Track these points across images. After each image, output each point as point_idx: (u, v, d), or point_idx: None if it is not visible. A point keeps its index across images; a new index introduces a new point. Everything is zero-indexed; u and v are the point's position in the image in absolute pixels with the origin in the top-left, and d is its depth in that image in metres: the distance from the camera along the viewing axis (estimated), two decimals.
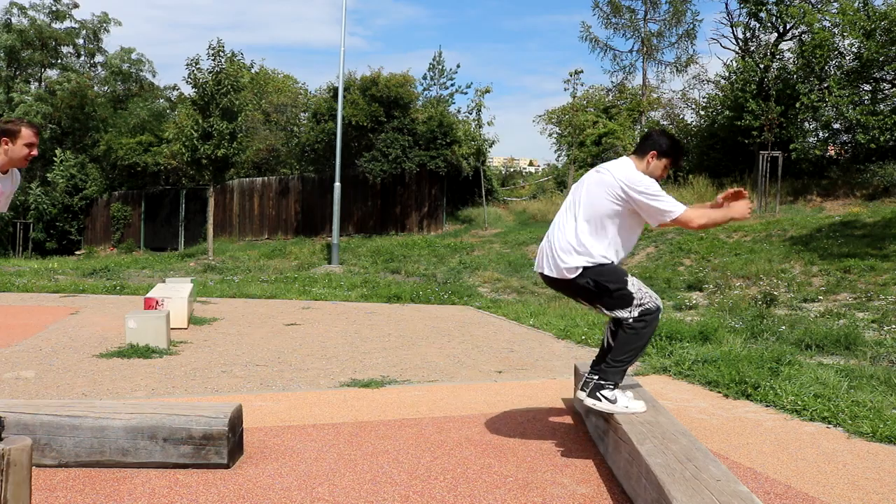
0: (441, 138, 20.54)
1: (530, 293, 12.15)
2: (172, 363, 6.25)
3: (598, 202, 3.56)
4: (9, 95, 28.87)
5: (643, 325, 3.48)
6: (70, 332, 7.99)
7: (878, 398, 4.68)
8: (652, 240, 14.51)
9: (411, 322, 9.02)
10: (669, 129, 24.85)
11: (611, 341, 3.62)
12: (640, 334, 3.50)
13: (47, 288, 12.89)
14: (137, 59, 30.76)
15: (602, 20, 27.24)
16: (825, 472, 3.55)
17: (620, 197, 3.50)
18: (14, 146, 3.82)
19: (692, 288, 11.27)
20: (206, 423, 3.49)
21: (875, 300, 9.31)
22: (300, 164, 24.38)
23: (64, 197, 25.84)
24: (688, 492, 2.53)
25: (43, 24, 30.24)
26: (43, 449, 3.47)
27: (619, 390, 3.57)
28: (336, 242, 17.65)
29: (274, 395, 5.12)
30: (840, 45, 16.71)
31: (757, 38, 21.45)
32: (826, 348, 6.81)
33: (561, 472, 3.50)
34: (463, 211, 21.49)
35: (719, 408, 4.76)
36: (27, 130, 3.84)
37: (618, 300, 3.49)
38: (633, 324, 3.48)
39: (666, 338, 6.84)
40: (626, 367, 3.54)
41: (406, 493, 3.23)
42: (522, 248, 16.06)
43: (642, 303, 3.48)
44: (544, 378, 5.79)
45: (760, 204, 16.96)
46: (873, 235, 12.45)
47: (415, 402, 4.91)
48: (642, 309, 3.48)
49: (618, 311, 3.51)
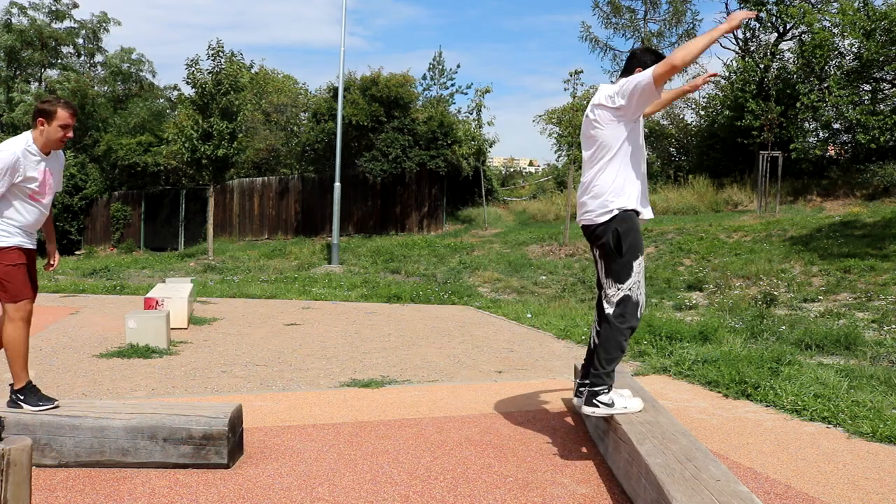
0: (441, 138, 20.54)
1: (530, 293, 12.15)
2: (172, 363, 6.26)
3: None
4: (9, 95, 28.88)
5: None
6: (70, 332, 7.99)
7: (878, 398, 4.68)
8: (652, 240, 14.51)
9: (411, 322, 9.02)
10: (669, 130, 24.86)
11: (596, 339, 3.64)
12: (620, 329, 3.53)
13: (47, 288, 12.89)
14: (137, 59, 30.76)
15: (602, 20, 27.23)
16: (825, 472, 3.55)
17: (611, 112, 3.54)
18: (49, 127, 3.75)
19: (692, 288, 11.27)
20: (206, 423, 3.49)
21: (875, 300, 9.31)
22: (300, 164, 24.37)
23: (64, 197, 25.82)
24: (687, 492, 2.53)
25: (43, 23, 30.24)
26: (43, 449, 3.48)
27: (614, 392, 3.57)
28: (336, 242, 17.65)
29: (274, 395, 5.12)
30: (840, 45, 16.72)
31: (757, 38, 21.47)
32: (826, 348, 6.81)
33: (561, 472, 3.50)
34: (463, 211, 21.49)
35: (719, 408, 4.76)
36: (63, 111, 3.77)
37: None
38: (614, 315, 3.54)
39: (666, 338, 6.84)
40: (614, 365, 3.55)
41: (406, 493, 3.23)
42: (522, 248, 16.06)
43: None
44: (544, 378, 5.79)
45: (760, 204, 16.96)
46: (873, 235, 12.45)
47: (415, 402, 4.91)
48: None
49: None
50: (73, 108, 3.83)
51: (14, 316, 3.70)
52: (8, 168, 3.62)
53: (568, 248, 15.28)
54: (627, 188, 3.55)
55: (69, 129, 3.80)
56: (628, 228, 3.52)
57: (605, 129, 3.57)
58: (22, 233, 3.76)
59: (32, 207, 3.78)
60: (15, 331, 3.70)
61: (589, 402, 3.54)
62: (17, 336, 3.70)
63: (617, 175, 3.55)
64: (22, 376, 3.71)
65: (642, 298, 3.56)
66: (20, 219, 3.74)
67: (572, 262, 14.25)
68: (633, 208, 3.55)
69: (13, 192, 3.69)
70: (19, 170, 3.66)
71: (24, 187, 3.70)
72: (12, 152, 3.65)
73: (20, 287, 3.71)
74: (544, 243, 16.06)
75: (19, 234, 3.74)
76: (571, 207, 16.58)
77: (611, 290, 3.56)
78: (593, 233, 3.63)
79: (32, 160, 3.72)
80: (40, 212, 3.84)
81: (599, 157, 3.60)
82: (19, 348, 3.71)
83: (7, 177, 3.62)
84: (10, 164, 3.63)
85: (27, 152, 3.71)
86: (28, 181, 3.70)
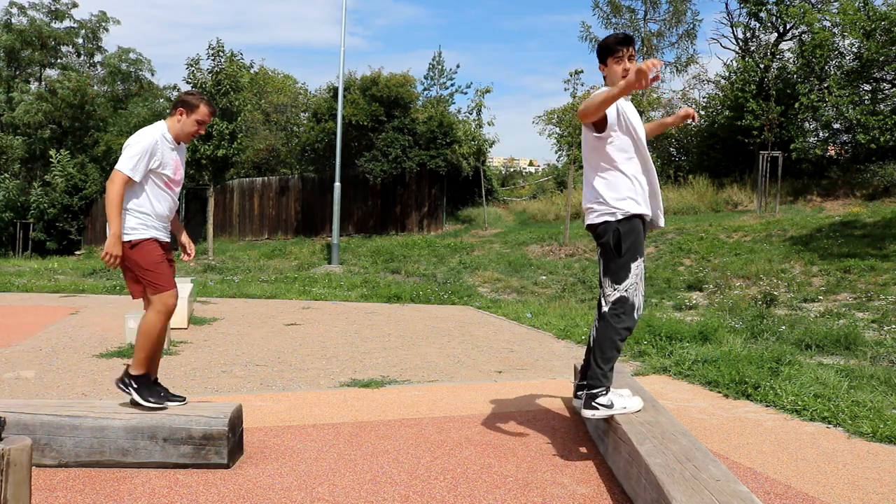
0: (441, 138, 20.54)
1: (530, 293, 12.15)
2: (172, 363, 6.25)
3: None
4: (9, 95, 28.87)
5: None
6: (70, 332, 7.99)
7: (878, 398, 4.68)
8: (652, 240, 14.51)
9: (411, 322, 9.02)
10: (669, 130, 24.84)
11: (594, 336, 3.65)
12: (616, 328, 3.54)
13: (47, 288, 12.89)
14: (136, 58, 30.77)
15: (602, 20, 27.25)
16: (825, 472, 3.55)
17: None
18: (187, 119, 3.76)
19: (692, 288, 11.27)
20: (206, 423, 3.49)
21: (875, 300, 9.31)
22: (300, 164, 24.37)
23: (64, 197, 25.82)
24: (687, 492, 2.52)
25: (42, 23, 30.25)
26: (43, 449, 3.47)
27: (612, 393, 3.57)
28: (336, 242, 17.64)
29: (274, 395, 5.12)
30: (840, 45, 16.72)
31: (757, 38, 21.47)
32: (826, 348, 6.81)
33: (561, 472, 3.50)
34: (463, 211, 21.49)
35: (719, 408, 4.76)
36: (205, 108, 3.79)
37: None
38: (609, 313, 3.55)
39: (666, 338, 6.83)
40: (610, 365, 3.55)
41: (406, 493, 3.23)
42: (522, 248, 16.05)
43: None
44: (544, 378, 5.79)
45: (760, 204, 16.96)
46: (873, 235, 12.45)
47: (415, 402, 4.91)
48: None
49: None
50: (213, 108, 3.87)
51: (158, 307, 3.68)
52: (148, 150, 3.61)
53: (568, 248, 15.27)
54: (627, 192, 3.55)
55: (203, 127, 3.83)
56: (630, 230, 3.53)
57: (585, 136, 3.64)
58: (158, 224, 3.73)
59: (167, 195, 3.76)
60: (155, 319, 3.68)
61: (588, 406, 3.54)
62: (155, 325, 3.68)
63: (616, 180, 3.56)
64: (144, 364, 3.69)
65: (639, 300, 3.56)
66: (155, 208, 3.70)
67: (572, 262, 14.25)
68: (639, 213, 3.55)
69: (148, 180, 3.67)
70: (156, 154, 3.65)
71: (161, 174, 3.69)
72: (152, 136, 3.66)
73: (163, 279, 3.68)
74: (544, 243, 16.06)
75: (154, 227, 3.71)
76: (572, 207, 16.58)
77: (608, 290, 3.57)
78: (595, 230, 3.66)
79: (167, 147, 3.73)
80: (173, 200, 3.81)
81: (592, 163, 3.62)
82: (152, 338, 3.69)
83: (146, 159, 3.61)
84: (150, 146, 3.62)
85: (164, 138, 3.71)
86: (164, 167, 3.70)
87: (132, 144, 3.64)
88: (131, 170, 3.60)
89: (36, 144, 27.72)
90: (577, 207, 18.77)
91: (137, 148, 3.61)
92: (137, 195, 3.67)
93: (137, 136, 3.67)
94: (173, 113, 3.78)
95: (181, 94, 3.87)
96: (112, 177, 3.62)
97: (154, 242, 3.70)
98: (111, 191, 3.59)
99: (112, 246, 3.58)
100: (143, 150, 3.61)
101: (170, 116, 3.80)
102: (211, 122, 3.94)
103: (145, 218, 3.67)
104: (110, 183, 3.60)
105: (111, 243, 3.58)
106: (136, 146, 3.62)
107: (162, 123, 3.78)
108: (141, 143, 3.62)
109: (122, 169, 3.60)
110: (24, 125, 27.48)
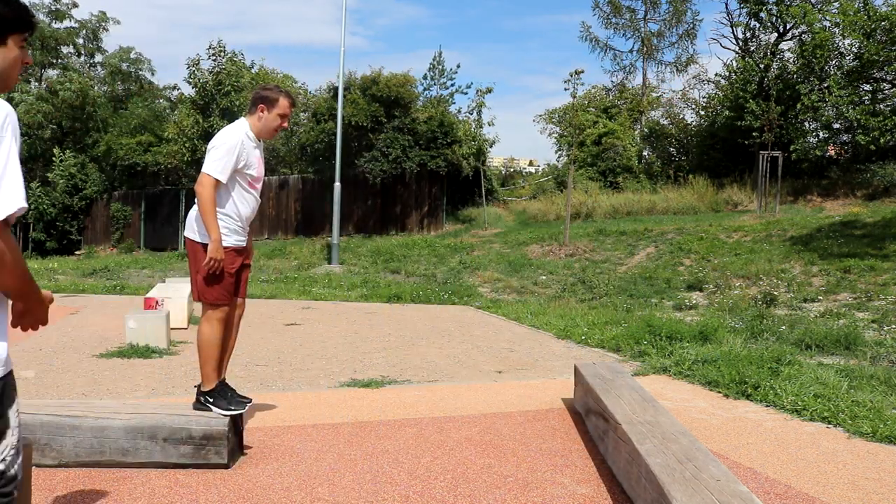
0: (441, 138, 20.54)
1: (530, 293, 12.15)
2: (172, 363, 6.25)
3: None
4: (9, 95, 28.86)
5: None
6: (70, 332, 7.99)
7: (878, 398, 4.68)
8: (652, 240, 14.52)
9: (411, 322, 9.02)
10: (669, 130, 24.85)
11: None
12: None
13: (47, 288, 12.85)
14: (136, 58, 30.77)
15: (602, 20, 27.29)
16: (825, 472, 3.55)
17: None
18: (269, 114, 3.65)
19: (692, 288, 11.27)
20: (206, 423, 3.49)
21: (875, 300, 9.31)
22: (300, 164, 24.36)
23: (64, 197, 25.81)
24: (688, 492, 2.53)
25: (42, 23, 30.23)
26: (43, 449, 3.47)
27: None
28: (336, 242, 17.64)
29: (274, 395, 5.12)
30: (840, 45, 16.71)
31: (757, 38, 21.48)
32: (826, 348, 6.81)
33: (561, 472, 3.50)
34: (463, 211, 21.49)
35: (719, 408, 4.76)
36: (284, 100, 3.67)
37: None
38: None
39: (666, 338, 6.83)
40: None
41: (406, 493, 3.23)
42: (522, 248, 16.06)
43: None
44: (544, 378, 5.79)
45: (760, 204, 16.96)
46: (873, 235, 12.45)
47: (415, 402, 4.91)
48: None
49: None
50: (293, 99, 3.74)
51: (212, 316, 3.61)
52: (234, 150, 3.52)
53: (568, 248, 15.27)
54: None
55: (286, 119, 3.71)
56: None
57: None
58: (239, 229, 3.65)
59: (250, 196, 3.68)
60: (210, 330, 3.60)
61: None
62: (212, 336, 3.60)
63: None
64: (212, 377, 3.60)
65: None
66: (239, 210, 3.62)
67: (572, 262, 14.25)
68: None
69: (233, 181, 3.58)
70: (242, 154, 3.57)
71: (245, 173, 3.61)
72: (237, 136, 3.56)
73: (224, 293, 3.61)
74: (544, 243, 16.05)
75: (236, 232, 3.63)
76: (572, 207, 16.58)
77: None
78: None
79: (251, 146, 3.64)
80: (256, 200, 3.74)
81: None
82: (212, 349, 3.61)
83: (233, 160, 3.51)
84: (236, 146, 3.53)
85: (247, 137, 3.62)
86: (249, 167, 3.61)
87: (217, 146, 3.55)
88: (220, 172, 3.51)
89: (36, 145, 27.71)
90: (577, 207, 18.77)
91: (224, 149, 3.53)
92: (221, 197, 3.58)
93: (222, 137, 3.58)
94: (253, 111, 3.68)
95: (258, 89, 3.73)
96: (201, 180, 3.52)
97: (232, 253, 3.62)
98: (203, 195, 3.49)
99: (215, 251, 3.51)
100: (229, 150, 3.52)
101: (249, 114, 3.70)
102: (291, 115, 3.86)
103: (228, 221, 3.59)
104: (200, 186, 3.51)
105: (213, 248, 3.51)
106: (221, 147, 3.54)
107: (244, 122, 3.68)
108: (227, 144, 3.53)
109: (210, 171, 3.51)
110: (24, 125, 27.46)
